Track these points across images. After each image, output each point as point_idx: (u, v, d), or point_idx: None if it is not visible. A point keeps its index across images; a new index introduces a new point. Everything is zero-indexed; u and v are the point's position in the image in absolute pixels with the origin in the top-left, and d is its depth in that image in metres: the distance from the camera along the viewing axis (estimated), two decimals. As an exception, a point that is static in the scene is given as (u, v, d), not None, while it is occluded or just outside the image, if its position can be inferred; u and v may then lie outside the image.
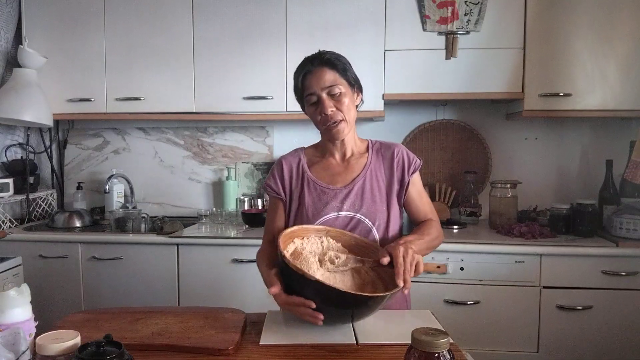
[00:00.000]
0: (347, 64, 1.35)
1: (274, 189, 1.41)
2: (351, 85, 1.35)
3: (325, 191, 1.36)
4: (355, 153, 1.41)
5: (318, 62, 1.32)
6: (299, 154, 1.45)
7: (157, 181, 2.90)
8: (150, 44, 2.52)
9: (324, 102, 1.30)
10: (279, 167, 1.42)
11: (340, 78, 1.32)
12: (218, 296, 2.24)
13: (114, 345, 0.83)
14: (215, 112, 2.52)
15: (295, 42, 2.42)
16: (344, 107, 1.31)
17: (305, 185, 1.39)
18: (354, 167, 1.39)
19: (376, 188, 1.36)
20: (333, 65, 1.31)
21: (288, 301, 1.09)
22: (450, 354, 0.76)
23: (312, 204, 1.36)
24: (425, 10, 2.35)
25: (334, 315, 1.08)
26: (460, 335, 1.97)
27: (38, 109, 2.46)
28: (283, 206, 1.41)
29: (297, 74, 1.35)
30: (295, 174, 1.41)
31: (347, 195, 1.35)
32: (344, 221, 1.33)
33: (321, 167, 1.41)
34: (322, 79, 1.30)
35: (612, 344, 2.08)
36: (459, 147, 2.70)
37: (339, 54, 1.36)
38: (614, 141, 2.58)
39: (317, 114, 1.33)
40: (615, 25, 2.26)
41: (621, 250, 2.06)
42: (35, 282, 2.12)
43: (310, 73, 1.32)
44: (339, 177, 1.38)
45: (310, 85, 1.32)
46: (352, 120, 1.36)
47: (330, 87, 1.30)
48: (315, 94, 1.31)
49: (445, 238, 2.15)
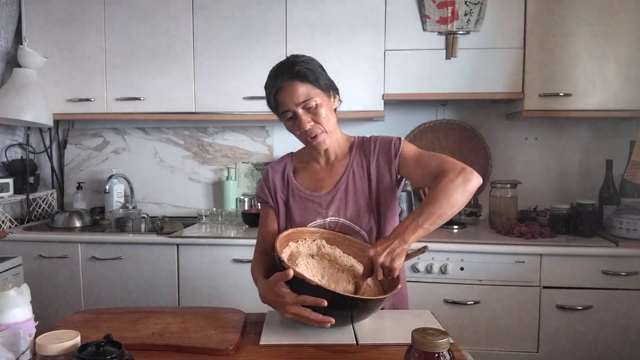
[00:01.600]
0: (317, 71, 1.28)
1: (263, 197, 1.41)
2: (325, 92, 1.30)
3: (310, 198, 1.35)
4: (339, 155, 1.39)
5: (288, 76, 1.25)
6: (284, 162, 1.43)
7: (157, 181, 2.90)
8: (150, 44, 2.52)
9: (300, 118, 1.26)
10: (266, 177, 1.42)
11: (313, 89, 1.26)
12: (218, 296, 2.24)
13: (114, 345, 0.83)
14: (215, 112, 2.52)
15: (295, 42, 2.42)
16: (321, 119, 1.27)
17: (290, 193, 1.38)
18: (337, 169, 1.37)
19: (360, 189, 1.34)
20: (304, 77, 1.25)
21: (299, 300, 1.06)
22: (450, 354, 0.76)
23: (298, 212, 1.35)
24: (425, 10, 2.35)
25: (334, 318, 1.08)
26: (460, 335, 1.98)
27: (38, 109, 2.46)
28: (275, 213, 1.40)
29: (268, 91, 1.30)
30: (280, 183, 1.39)
31: (331, 201, 1.33)
32: (330, 227, 1.33)
33: (306, 174, 1.40)
34: (295, 95, 1.25)
35: (612, 344, 2.08)
36: (459, 147, 2.70)
37: (309, 59, 1.30)
38: (614, 141, 2.58)
39: (295, 129, 1.30)
40: (615, 25, 2.26)
41: (621, 250, 2.06)
42: (35, 282, 2.12)
43: (282, 89, 1.26)
44: (324, 182, 1.37)
45: (284, 102, 1.26)
46: (333, 128, 1.32)
47: (305, 102, 1.25)
48: (290, 111, 1.27)
49: (445, 238, 2.18)
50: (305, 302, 1.05)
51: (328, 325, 1.05)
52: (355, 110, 2.39)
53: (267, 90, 1.31)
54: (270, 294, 1.13)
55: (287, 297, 1.08)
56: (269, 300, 1.14)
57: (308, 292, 1.05)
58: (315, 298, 1.03)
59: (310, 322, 1.06)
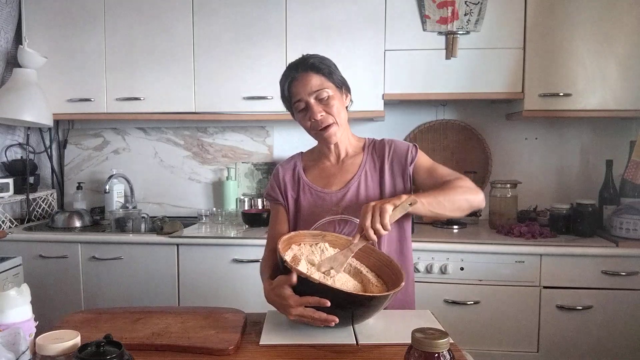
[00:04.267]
0: (332, 67, 1.33)
1: (273, 196, 1.42)
2: (338, 87, 1.33)
3: (320, 195, 1.36)
4: (350, 153, 1.41)
5: (303, 67, 1.30)
6: (294, 160, 1.45)
7: (157, 181, 2.90)
8: (150, 44, 2.52)
9: (312, 108, 1.29)
10: (276, 175, 1.43)
11: (326, 81, 1.30)
12: (218, 296, 2.24)
13: (114, 345, 0.83)
14: (215, 112, 2.52)
15: (295, 42, 2.42)
16: (333, 110, 1.30)
17: (301, 190, 1.39)
18: (348, 167, 1.38)
19: (371, 189, 1.35)
20: (318, 70, 1.30)
21: (302, 301, 1.06)
22: (450, 354, 0.76)
23: (308, 208, 1.36)
24: (425, 10, 2.35)
25: (338, 317, 1.08)
26: (460, 335, 1.98)
27: (38, 108, 2.46)
28: (285, 212, 1.41)
29: (282, 82, 1.34)
30: (291, 180, 1.41)
31: (342, 198, 1.34)
32: (340, 225, 1.33)
33: (317, 171, 1.41)
34: (308, 85, 1.29)
35: (612, 344, 2.08)
36: (459, 147, 2.70)
37: (324, 57, 1.34)
38: (614, 141, 2.58)
39: (306, 120, 1.32)
40: (615, 25, 2.26)
41: (621, 250, 2.06)
42: (35, 282, 2.11)
43: (295, 79, 1.30)
44: (335, 179, 1.38)
45: (297, 92, 1.30)
46: (344, 122, 1.34)
47: (317, 92, 1.29)
48: (303, 100, 1.30)
49: (445, 238, 2.18)
50: (309, 303, 1.05)
51: (332, 324, 1.05)
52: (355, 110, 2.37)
53: (281, 84, 1.35)
54: (273, 296, 1.13)
55: (290, 300, 1.07)
56: (273, 302, 1.15)
57: (311, 290, 1.04)
58: (318, 298, 1.03)
59: (314, 322, 1.06)
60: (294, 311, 1.07)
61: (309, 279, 1.04)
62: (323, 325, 1.06)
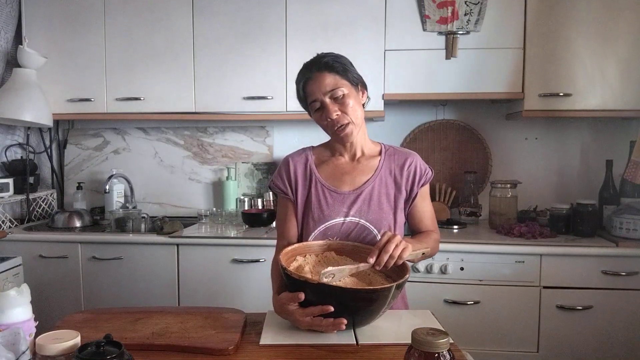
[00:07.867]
0: (347, 64, 1.32)
1: (282, 188, 1.39)
2: (354, 85, 1.32)
3: (332, 195, 1.34)
4: (365, 153, 1.39)
5: (317, 67, 1.30)
6: (306, 153, 1.42)
7: (157, 181, 2.89)
8: (150, 44, 2.52)
9: (327, 107, 1.28)
10: (286, 165, 1.39)
11: (341, 80, 1.29)
12: (218, 296, 2.24)
13: (114, 345, 0.83)
14: (215, 112, 2.52)
15: (295, 41, 2.42)
16: (349, 109, 1.29)
17: (312, 185, 1.36)
18: (363, 168, 1.37)
19: (384, 194, 1.34)
20: (332, 68, 1.29)
21: (307, 312, 1.07)
22: (450, 354, 0.76)
23: (318, 206, 1.34)
24: (425, 10, 2.35)
25: (345, 319, 1.07)
26: (460, 335, 1.97)
27: (38, 109, 2.46)
28: (293, 206, 1.38)
29: (298, 82, 1.34)
30: (302, 173, 1.38)
31: (354, 200, 1.33)
32: (348, 226, 1.32)
33: (330, 167, 1.39)
34: (322, 84, 1.28)
35: (612, 344, 2.08)
36: (459, 147, 2.70)
37: (339, 55, 1.34)
38: (614, 141, 2.58)
39: (323, 120, 1.31)
40: (615, 25, 2.25)
41: (621, 250, 2.06)
42: (35, 282, 2.12)
43: (310, 79, 1.30)
44: (348, 177, 1.36)
45: (312, 92, 1.30)
46: (360, 120, 1.33)
47: (332, 91, 1.28)
48: (318, 100, 1.29)
49: (445, 238, 2.18)
50: (313, 314, 1.06)
51: (342, 327, 1.06)
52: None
53: (297, 84, 1.34)
54: (279, 310, 1.16)
55: (296, 315, 1.09)
56: (280, 315, 1.17)
57: (314, 293, 1.05)
58: (321, 306, 1.04)
59: (326, 330, 1.08)
60: (303, 324, 1.09)
61: (309, 281, 1.04)
62: (335, 330, 1.07)
